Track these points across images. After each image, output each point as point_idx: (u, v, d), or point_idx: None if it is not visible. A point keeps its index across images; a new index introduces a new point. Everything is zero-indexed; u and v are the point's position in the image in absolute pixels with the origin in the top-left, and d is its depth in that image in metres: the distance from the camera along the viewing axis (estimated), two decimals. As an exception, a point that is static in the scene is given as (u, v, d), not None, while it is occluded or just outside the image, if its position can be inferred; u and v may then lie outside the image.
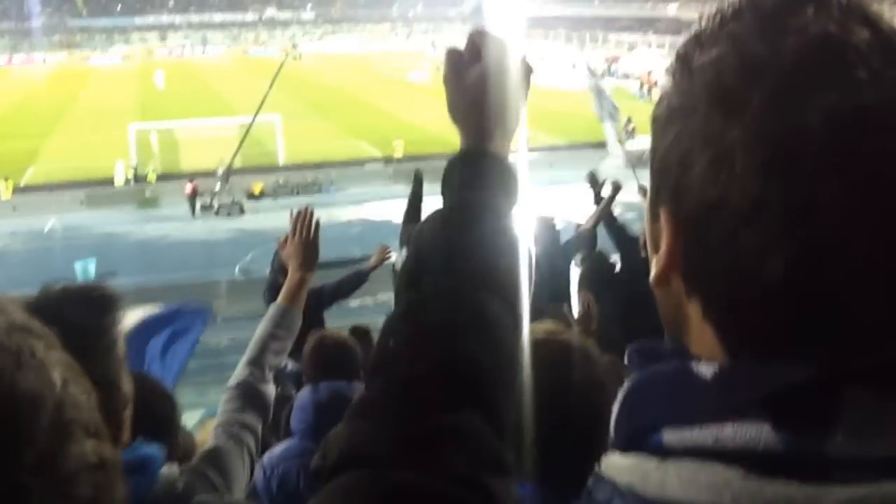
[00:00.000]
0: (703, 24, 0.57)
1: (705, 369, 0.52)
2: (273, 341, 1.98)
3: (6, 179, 24.63)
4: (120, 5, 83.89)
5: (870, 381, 0.48)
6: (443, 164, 0.87)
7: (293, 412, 2.90)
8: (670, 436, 0.51)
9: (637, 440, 0.54)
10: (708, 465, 0.49)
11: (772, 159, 0.49)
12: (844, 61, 0.50)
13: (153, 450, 1.31)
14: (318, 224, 2.15)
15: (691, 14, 52.04)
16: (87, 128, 34.87)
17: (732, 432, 0.49)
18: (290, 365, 4.10)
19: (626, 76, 47.54)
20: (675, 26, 52.11)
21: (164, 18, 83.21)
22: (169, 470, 1.37)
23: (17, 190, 25.22)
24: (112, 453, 0.54)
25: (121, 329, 1.26)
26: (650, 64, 47.06)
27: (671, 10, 55.42)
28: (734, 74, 0.51)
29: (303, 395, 2.91)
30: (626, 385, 0.58)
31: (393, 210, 22.28)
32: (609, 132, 8.44)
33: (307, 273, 2.09)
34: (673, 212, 0.55)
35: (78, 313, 1.17)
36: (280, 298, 2.06)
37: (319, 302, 5.27)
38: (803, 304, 0.49)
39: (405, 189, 6.68)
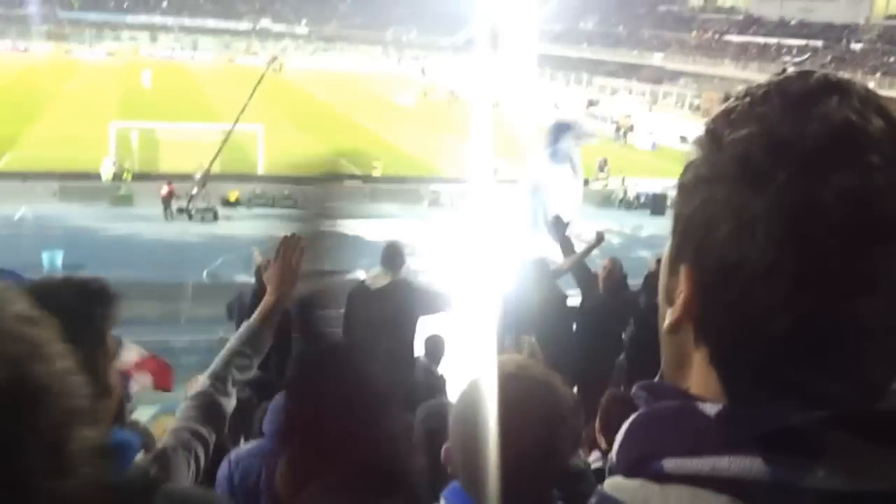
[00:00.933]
0: (734, 103, 0.63)
1: (709, 408, 0.59)
2: (239, 357, 2.03)
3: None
4: (112, 2, 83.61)
5: (856, 426, 0.55)
6: (417, 187, 0.96)
7: (266, 414, 2.97)
8: (670, 464, 0.58)
9: (640, 466, 0.61)
10: (702, 492, 0.56)
11: (790, 230, 0.55)
12: (861, 147, 0.56)
13: (131, 437, 1.36)
14: (303, 250, 2.15)
15: (676, 64, 53.10)
16: (69, 120, 34.58)
17: (727, 463, 0.55)
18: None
19: (604, 119, 48.29)
20: (657, 74, 53.07)
21: (157, 19, 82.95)
22: (143, 458, 1.43)
23: (-9, 175, 24.88)
24: (104, 439, 0.63)
25: (111, 323, 1.34)
26: (629, 109, 47.76)
27: (656, 59, 56.46)
28: (762, 152, 0.57)
29: (278, 399, 2.96)
30: (632, 417, 0.64)
31: (366, 227, 22.22)
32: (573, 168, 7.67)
33: (284, 296, 2.12)
34: (693, 269, 0.61)
35: (74, 302, 1.25)
36: (254, 317, 2.11)
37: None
38: (804, 357, 0.57)
39: (378, 208, 6.80)
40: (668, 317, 0.65)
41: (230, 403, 2.00)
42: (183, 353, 9.22)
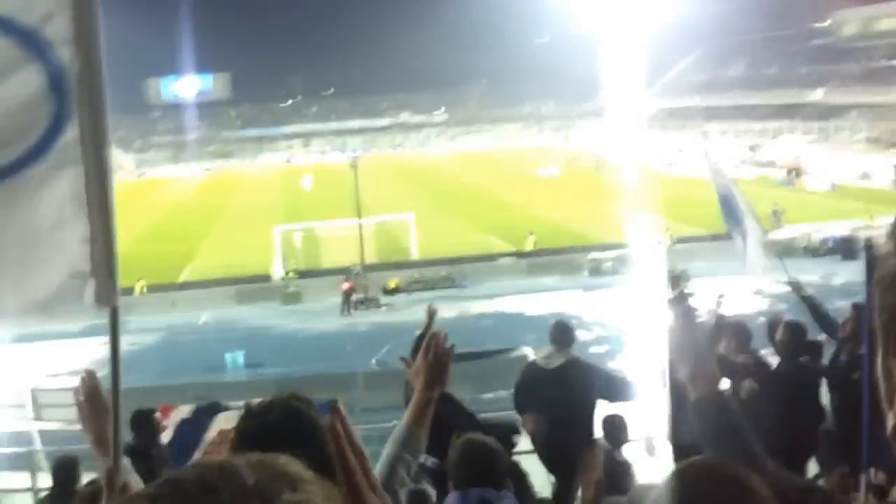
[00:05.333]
0: None
1: None
2: (400, 464, 2.00)
3: (139, 280, 25.15)
4: (268, 117, 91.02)
5: None
6: (573, 257, 0.90)
7: None
8: None
9: None
10: None
11: None
12: None
13: None
14: (451, 348, 2.12)
15: (840, 98, 50.03)
16: (238, 229, 37.25)
17: None
18: (430, 461, 4.04)
19: (770, 164, 46.03)
20: (822, 111, 50.05)
21: (308, 127, 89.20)
22: None
23: (175, 287, 27.05)
24: None
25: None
26: (796, 150, 45.45)
27: (818, 95, 53.39)
28: None
29: (451, 502, 2.92)
30: None
31: (526, 303, 22.44)
32: (749, 229, 6.85)
33: (434, 393, 2.08)
34: None
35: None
36: (406, 419, 2.07)
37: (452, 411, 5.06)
38: None
39: (537, 282, 6.75)
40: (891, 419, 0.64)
41: None
42: (364, 441, 9.32)
